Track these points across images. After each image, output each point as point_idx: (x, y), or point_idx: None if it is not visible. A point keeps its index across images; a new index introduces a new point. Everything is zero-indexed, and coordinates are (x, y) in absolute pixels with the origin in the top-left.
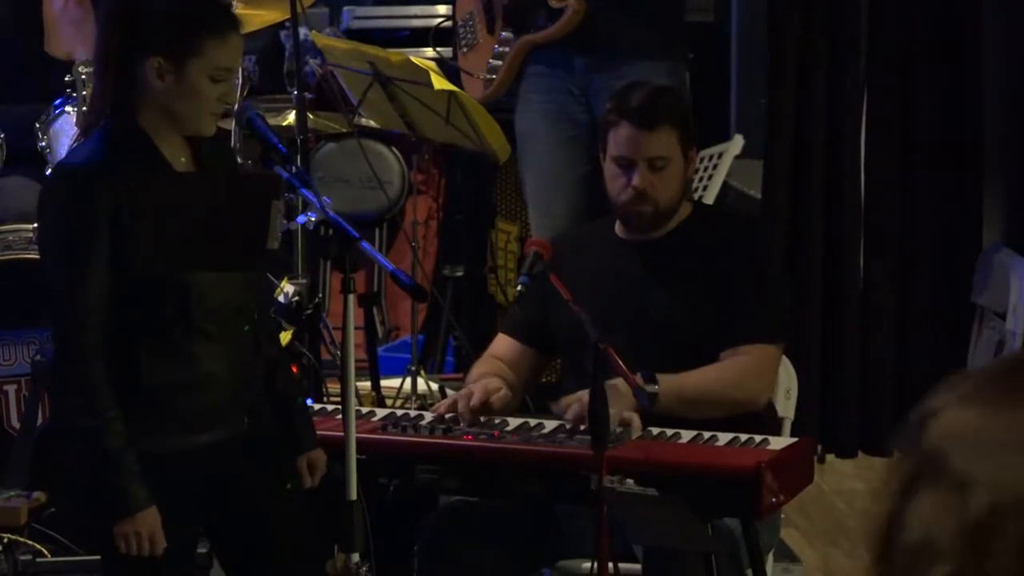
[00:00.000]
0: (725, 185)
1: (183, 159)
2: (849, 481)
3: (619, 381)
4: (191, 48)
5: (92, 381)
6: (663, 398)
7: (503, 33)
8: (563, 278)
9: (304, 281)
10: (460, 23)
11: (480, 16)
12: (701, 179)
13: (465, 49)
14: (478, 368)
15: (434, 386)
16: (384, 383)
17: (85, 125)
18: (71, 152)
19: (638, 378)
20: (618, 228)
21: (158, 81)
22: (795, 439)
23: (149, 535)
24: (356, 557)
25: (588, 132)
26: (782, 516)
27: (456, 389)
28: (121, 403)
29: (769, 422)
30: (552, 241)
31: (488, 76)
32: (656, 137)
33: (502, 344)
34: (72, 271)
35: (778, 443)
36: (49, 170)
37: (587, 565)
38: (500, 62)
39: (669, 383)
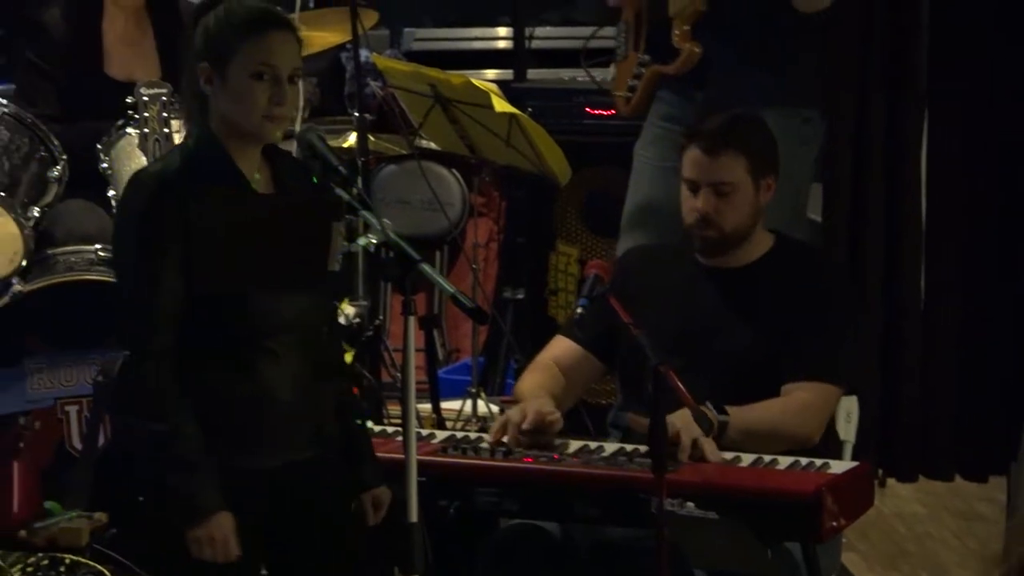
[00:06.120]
0: None
1: (258, 176)
2: (909, 505)
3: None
4: (229, 48)
5: (162, 383)
6: (732, 431)
7: (641, 56)
8: (632, 294)
9: (365, 303)
10: (619, 28)
11: (631, 29)
12: None
13: (619, 57)
14: (529, 377)
15: (494, 408)
16: (444, 405)
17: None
18: (153, 162)
19: (706, 406)
20: (698, 253)
21: (207, 87)
22: (855, 463)
23: (223, 540)
24: None
25: None
26: (843, 540)
27: None
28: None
29: (829, 445)
30: (625, 255)
31: (627, 95)
32: (720, 163)
33: (560, 347)
34: (142, 276)
35: (839, 467)
36: (112, 193)
37: None
38: (637, 82)
39: (738, 415)
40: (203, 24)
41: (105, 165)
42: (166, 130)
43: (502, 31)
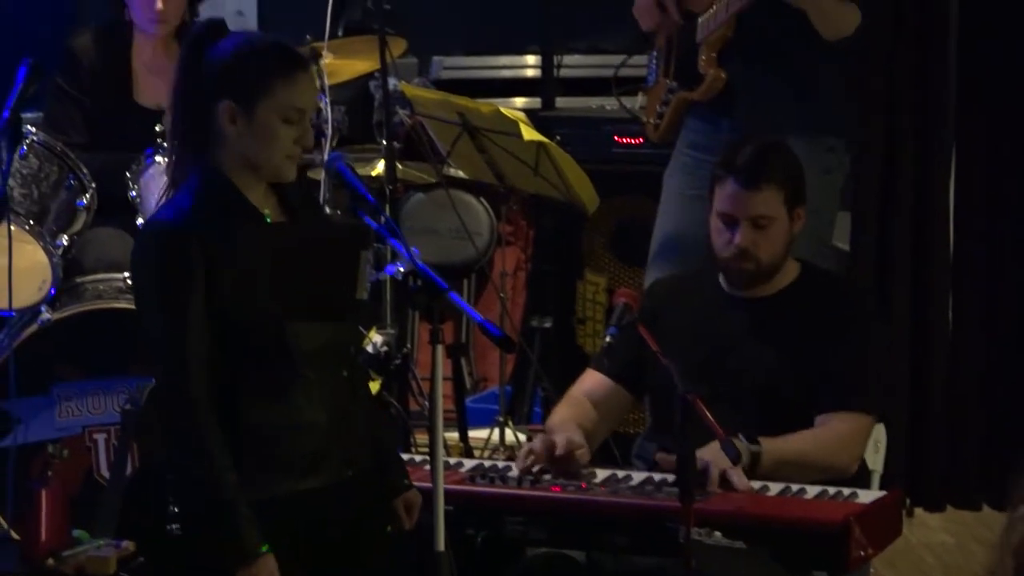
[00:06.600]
0: None
1: (267, 209)
2: (937, 535)
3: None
4: (259, 89)
5: (201, 429)
6: (765, 461)
7: (669, 82)
8: (659, 324)
9: (392, 331)
10: (652, 55)
11: (663, 55)
12: None
13: (649, 84)
14: (561, 410)
15: (522, 437)
16: (472, 434)
17: (173, 177)
18: (161, 208)
19: (738, 438)
20: (723, 281)
21: (230, 125)
22: (883, 492)
23: None
24: None
25: None
26: (871, 570)
27: None
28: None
29: (858, 475)
30: (652, 285)
31: (655, 121)
32: (760, 196)
33: (591, 380)
34: (171, 323)
35: (867, 496)
36: (140, 221)
37: None
38: (666, 108)
39: (771, 445)
40: (220, 59)
41: (134, 193)
42: None
43: (531, 59)
